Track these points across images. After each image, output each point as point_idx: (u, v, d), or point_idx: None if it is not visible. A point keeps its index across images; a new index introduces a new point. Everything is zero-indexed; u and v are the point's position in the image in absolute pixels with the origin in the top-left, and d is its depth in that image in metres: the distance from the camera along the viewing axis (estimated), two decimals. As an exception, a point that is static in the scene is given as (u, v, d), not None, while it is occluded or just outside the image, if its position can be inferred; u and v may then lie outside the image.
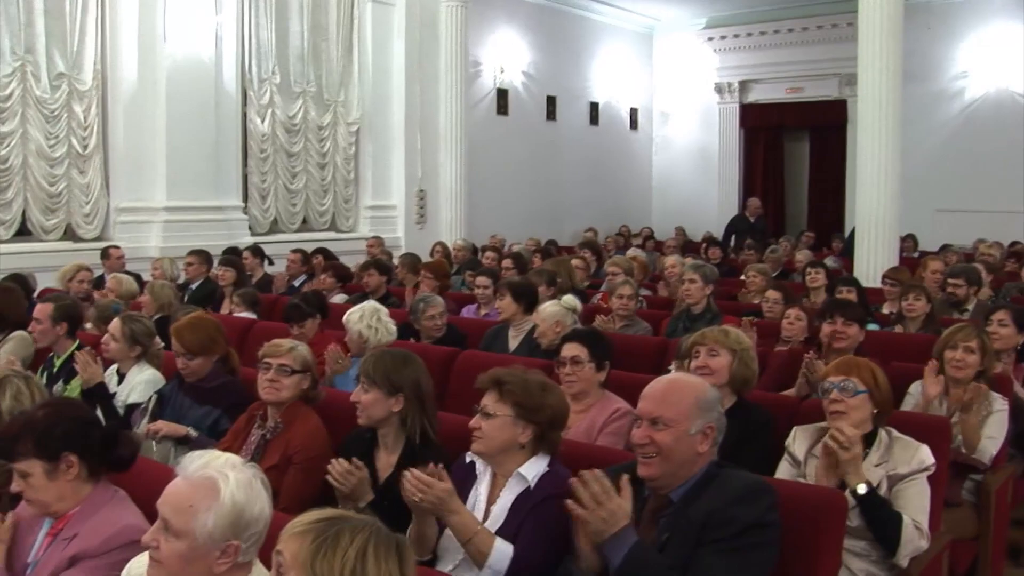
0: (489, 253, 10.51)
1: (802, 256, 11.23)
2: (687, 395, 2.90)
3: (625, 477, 2.73)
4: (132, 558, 2.69)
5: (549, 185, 16.88)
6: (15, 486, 2.95)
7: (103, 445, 3.04)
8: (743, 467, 2.98)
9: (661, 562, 2.66)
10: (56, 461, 2.91)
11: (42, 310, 5.87)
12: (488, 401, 3.22)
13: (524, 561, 3.00)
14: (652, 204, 19.75)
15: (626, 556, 2.62)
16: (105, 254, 9.67)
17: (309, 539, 1.94)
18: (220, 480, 2.27)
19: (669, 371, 4.62)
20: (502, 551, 3.01)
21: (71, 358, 5.66)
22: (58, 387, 5.55)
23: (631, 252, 11.70)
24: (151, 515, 2.83)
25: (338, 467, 3.45)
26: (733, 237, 15.42)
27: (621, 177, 18.85)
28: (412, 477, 3.00)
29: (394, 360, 3.75)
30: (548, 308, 5.96)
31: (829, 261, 11.43)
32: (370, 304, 5.67)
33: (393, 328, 5.50)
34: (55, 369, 5.75)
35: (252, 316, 7.75)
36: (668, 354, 5.81)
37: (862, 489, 3.40)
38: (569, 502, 2.67)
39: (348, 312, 5.55)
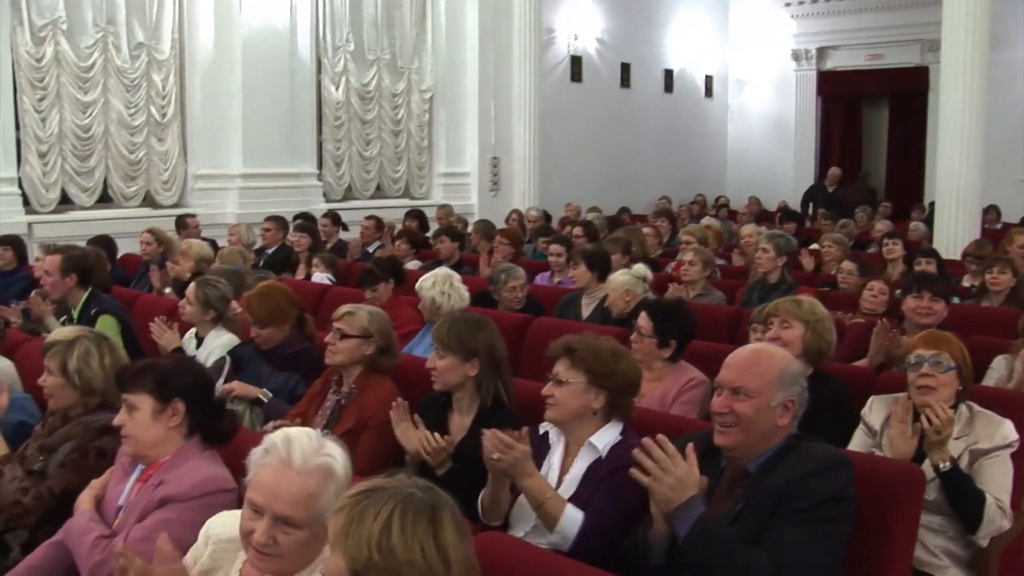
0: (568, 228, 10.46)
1: (882, 226, 10.97)
2: (771, 367, 2.84)
3: (691, 445, 2.70)
4: (218, 505, 2.77)
5: (623, 153, 16.73)
6: (118, 419, 3.06)
7: (210, 410, 3.16)
8: (818, 439, 2.93)
9: (729, 534, 2.63)
10: (166, 403, 3.03)
11: (51, 262, 5.93)
12: (560, 368, 3.22)
13: (594, 529, 3.01)
14: (727, 173, 19.50)
15: (692, 527, 2.61)
16: (181, 223, 9.80)
17: (343, 516, 1.95)
18: (331, 462, 2.28)
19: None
20: (572, 517, 3.02)
21: (86, 308, 5.76)
22: None
23: (706, 221, 11.61)
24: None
25: (432, 443, 3.51)
26: (810, 206, 15.18)
27: (695, 145, 18.63)
28: (494, 436, 3.03)
29: (467, 325, 3.76)
30: (618, 277, 5.92)
31: (922, 226, 11.19)
32: (442, 270, 5.68)
33: (466, 294, 5.51)
34: (74, 321, 5.79)
35: (332, 279, 7.85)
36: (742, 323, 5.76)
37: (945, 466, 3.34)
38: (633, 470, 2.66)
39: (421, 279, 5.57)
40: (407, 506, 1.93)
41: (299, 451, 2.26)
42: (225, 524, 2.45)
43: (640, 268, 6.11)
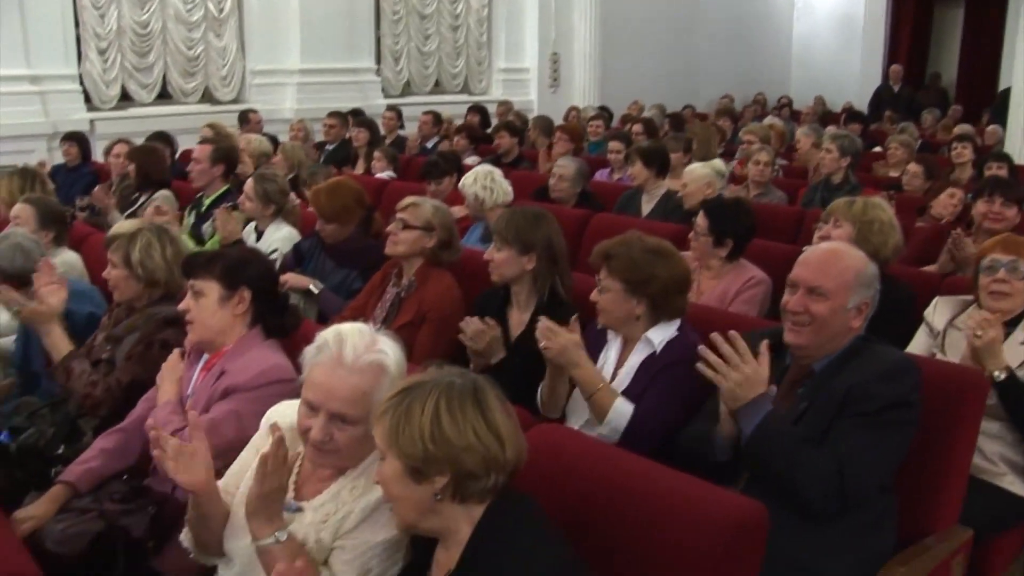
0: (629, 124, 10.35)
1: (960, 129, 10.58)
2: (848, 268, 2.77)
3: (766, 343, 2.65)
4: (279, 395, 2.79)
5: (685, 50, 16.33)
6: (183, 304, 3.13)
7: (275, 303, 3.22)
8: (884, 342, 2.87)
9: (794, 434, 2.61)
10: (233, 291, 3.08)
11: (202, 151, 6.15)
12: (601, 275, 3.22)
13: (644, 422, 3.03)
14: (791, 72, 18.99)
15: (759, 425, 2.58)
16: (244, 118, 9.88)
17: (388, 418, 1.97)
18: (384, 359, 2.28)
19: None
20: (621, 409, 3.05)
21: (221, 199, 5.88)
22: (206, 227, 5.75)
23: (768, 120, 11.38)
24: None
25: (472, 326, 3.53)
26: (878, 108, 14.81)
27: (760, 43, 18.13)
28: (541, 324, 3.07)
29: (526, 218, 3.74)
30: (698, 170, 5.87)
31: (1000, 130, 10.84)
32: (483, 167, 5.73)
33: (508, 188, 5.54)
34: (203, 209, 5.99)
35: (392, 174, 7.87)
36: (804, 223, 5.71)
37: (1000, 375, 3.26)
38: (699, 365, 2.63)
39: (464, 177, 5.61)
40: (451, 393, 1.96)
41: (351, 349, 2.26)
42: (285, 414, 2.48)
43: (718, 163, 6.04)
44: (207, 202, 6.05)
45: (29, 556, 2.18)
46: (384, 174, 7.92)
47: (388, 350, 2.31)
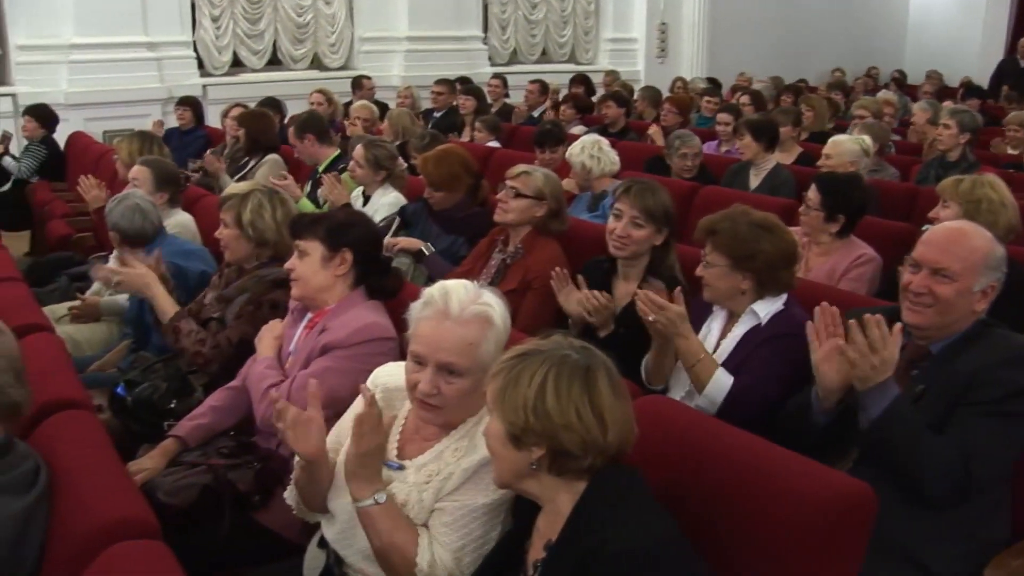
0: (737, 95, 10.19)
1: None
2: (977, 249, 2.67)
3: (898, 326, 2.57)
4: (377, 353, 2.88)
5: (795, 21, 15.92)
6: (289, 263, 3.22)
7: (377, 265, 3.28)
8: (1005, 327, 2.76)
9: (919, 420, 2.54)
10: (335, 251, 3.16)
11: (289, 133, 6.31)
12: (706, 251, 3.19)
13: (743, 394, 3.00)
14: (906, 44, 18.40)
15: (887, 409, 2.52)
16: (357, 84, 10.05)
17: (499, 380, 1.98)
18: (489, 311, 2.30)
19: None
20: (721, 381, 3.03)
21: (334, 163, 5.99)
22: (320, 191, 5.84)
23: (882, 94, 11.07)
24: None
25: (594, 301, 3.52)
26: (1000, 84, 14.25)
27: (874, 14, 17.60)
28: (645, 297, 3.06)
29: (667, 195, 3.72)
30: (847, 143, 5.61)
31: None
32: (590, 136, 5.73)
33: (615, 158, 5.54)
34: (318, 175, 6.08)
35: (495, 143, 7.88)
36: (917, 201, 5.56)
37: None
38: (842, 344, 2.58)
39: (570, 147, 5.63)
40: (561, 369, 1.95)
41: (456, 301, 2.29)
42: (392, 373, 2.51)
43: (867, 141, 5.84)
44: (320, 168, 6.17)
45: (148, 506, 2.25)
46: (488, 144, 7.94)
47: (493, 303, 2.33)
